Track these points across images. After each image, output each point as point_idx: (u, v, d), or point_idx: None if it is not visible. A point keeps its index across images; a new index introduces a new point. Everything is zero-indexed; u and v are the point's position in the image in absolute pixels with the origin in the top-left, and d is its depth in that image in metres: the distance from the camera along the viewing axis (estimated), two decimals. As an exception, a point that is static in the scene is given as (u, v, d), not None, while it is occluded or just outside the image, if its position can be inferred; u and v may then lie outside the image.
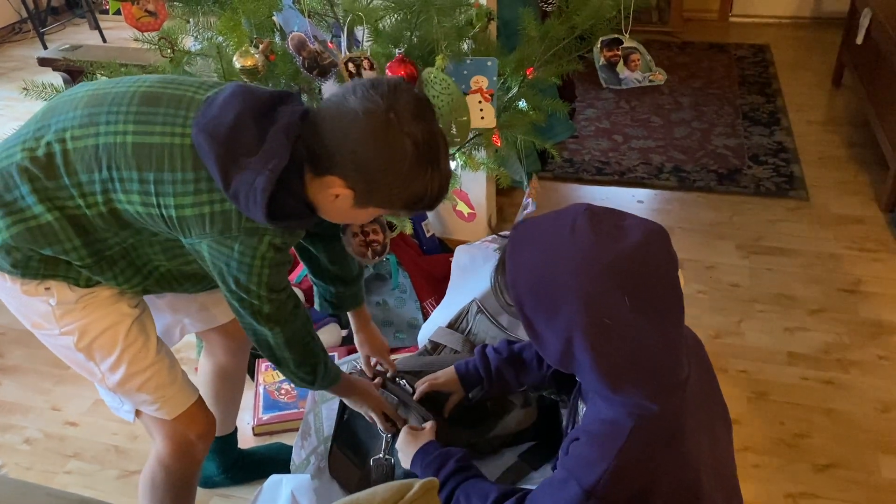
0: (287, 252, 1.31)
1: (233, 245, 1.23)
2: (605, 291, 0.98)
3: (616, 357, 1.01)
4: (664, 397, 1.04)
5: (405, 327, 2.43)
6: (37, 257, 1.29)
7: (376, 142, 1.15)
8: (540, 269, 1.02)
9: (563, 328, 1.01)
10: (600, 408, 1.11)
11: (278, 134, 1.19)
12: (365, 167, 1.17)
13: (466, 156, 2.13)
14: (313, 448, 1.60)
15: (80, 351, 1.39)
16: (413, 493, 0.66)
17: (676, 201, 3.20)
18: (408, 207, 1.24)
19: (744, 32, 4.96)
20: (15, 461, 2.10)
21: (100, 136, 1.22)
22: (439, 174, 1.21)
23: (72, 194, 1.24)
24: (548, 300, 1.01)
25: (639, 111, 3.95)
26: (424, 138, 1.16)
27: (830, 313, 2.51)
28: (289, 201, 1.22)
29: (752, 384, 2.24)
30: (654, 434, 1.05)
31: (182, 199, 1.21)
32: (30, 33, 5.37)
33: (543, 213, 1.12)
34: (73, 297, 1.35)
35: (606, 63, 2.06)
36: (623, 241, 1.00)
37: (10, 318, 2.60)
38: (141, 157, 1.21)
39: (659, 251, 1.02)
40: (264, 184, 1.15)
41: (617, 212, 1.06)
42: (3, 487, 0.94)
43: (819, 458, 2.00)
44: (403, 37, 1.82)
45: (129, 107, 1.24)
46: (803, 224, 2.99)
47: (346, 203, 1.23)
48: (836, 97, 4.04)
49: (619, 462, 1.04)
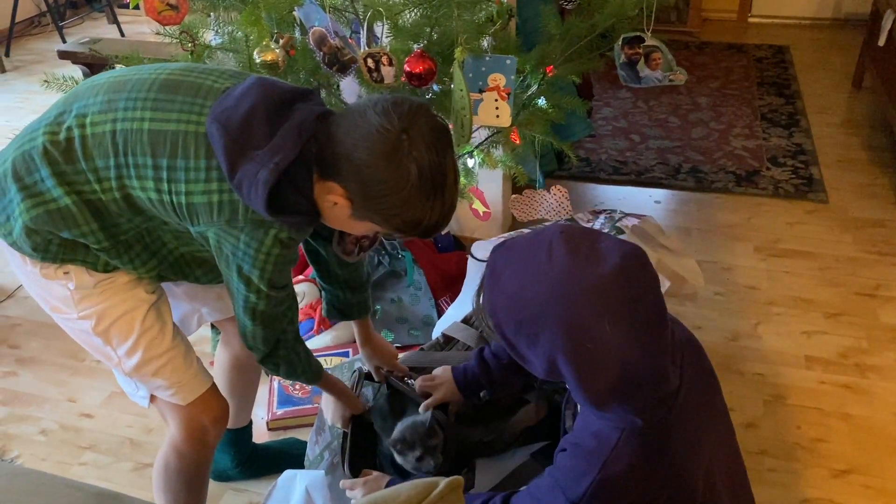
0: (294, 250, 1.31)
1: (239, 235, 1.24)
2: (585, 316, 0.98)
3: (599, 379, 1.01)
4: (650, 412, 1.05)
5: (419, 324, 2.43)
6: (56, 241, 1.30)
7: (382, 161, 1.15)
8: (518, 295, 1.02)
9: (546, 352, 1.01)
10: (589, 419, 1.11)
11: (290, 130, 1.20)
12: (366, 183, 1.17)
13: (484, 153, 2.12)
14: (327, 444, 1.60)
15: (97, 335, 1.40)
16: (438, 492, 0.65)
17: (694, 202, 3.18)
18: (403, 231, 1.24)
19: (763, 33, 4.92)
20: (30, 452, 2.11)
21: (117, 122, 1.23)
22: (441, 206, 1.20)
23: (88, 179, 1.26)
24: (528, 326, 1.01)
25: (656, 111, 3.92)
26: (431, 168, 1.16)
27: (849, 317, 2.49)
28: (292, 197, 1.21)
29: (768, 387, 2.22)
30: (640, 447, 1.05)
31: (192, 187, 1.21)
32: (49, 27, 5.40)
33: (520, 235, 1.11)
34: (91, 282, 1.36)
35: (627, 61, 2.04)
36: (601, 264, 0.99)
37: (27, 310, 2.64)
38: (156, 143, 1.22)
39: (637, 272, 1.02)
40: (266, 176, 1.15)
41: (593, 233, 1.07)
42: (22, 478, 0.94)
43: (836, 464, 1.98)
44: (423, 33, 1.81)
45: (147, 93, 1.24)
46: (822, 227, 2.96)
47: (343, 212, 1.24)
48: (856, 99, 4.00)
49: (604, 475, 1.05)
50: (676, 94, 4.06)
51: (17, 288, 2.75)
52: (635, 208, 3.12)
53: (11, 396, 2.30)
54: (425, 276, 2.49)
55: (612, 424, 1.06)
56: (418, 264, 2.51)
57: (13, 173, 1.28)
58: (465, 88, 1.70)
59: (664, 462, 1.07)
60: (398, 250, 2.52)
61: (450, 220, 1.26)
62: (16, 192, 1.28)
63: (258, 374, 1.92)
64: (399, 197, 1.17)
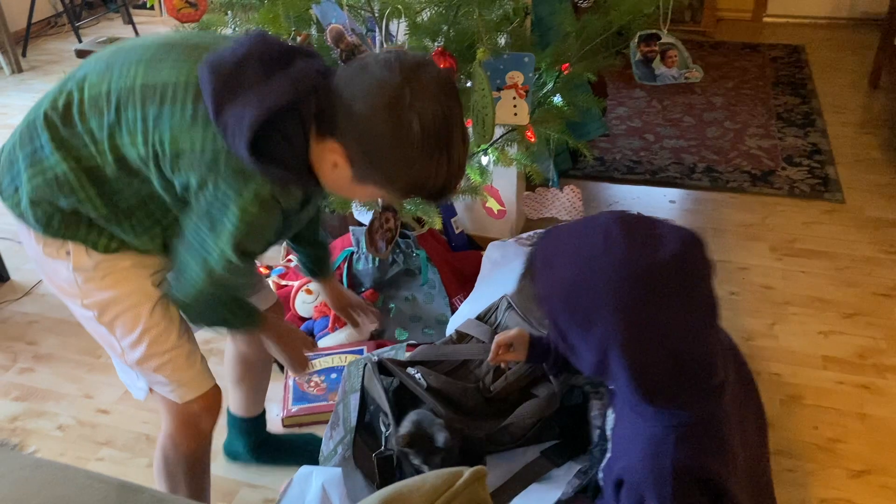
0: (273, 216, 1.23)
1: (218, 182, 1.17)
2: (642, 303, 0.96)
3: (653, 370, 0.99)
4: (701, 404, 1.03)
5: (433, 323, 2.43)
6: (58, 216, 1.30)
7: (381, 114, 1.09)
8: (573, 281, 1.00)
9: (599, 341, 0.99)
10: (634, 424, 1.08)
11: (286, 78, 1.14)
12: (365, 138, 1.11)
13: (499, 152, 2.12)
14: (340, 438, 1.60)
15: (102, 325, 1.40)
16: (463, 481, 0.65)
17: (709, 202, 3.17)
18: (407, 192, 1.17)
19: (778, 33, 4.90)
20: (48, 447, 2.12)
21: (113, 82, 1.23)
22: (447, 164, 1.13)
23: (85, 142, 1.25)
24: (582, 313, 0.99)
25: (671, 110, 3.91)
26: (435, 121, 1.09)
27: (866, 317, 2.47)
28: (279, 147, 1.15)
29: (785, 387, 2.21)
30: (699, 440, 1.03)
31: (178, 132, 1.18)
32: (65, 27, 5.44)
33: (572, 221, 1.09)
34: (91, 264, 1.34)
35: (643, 58, 2.04)
36: (659, 250, 0.97)
37: (45, 307, 2.66)
38: (146, 95, 1.20)
39: (696, 259, 1.00)
40: (253, 118, 1.10)
41: (650, 219, 1.04)
42: (44, 469, 0.95)
43: (854, 464, 1.97)
44: (441, 31, 1.81)
45: (144, 53, 1.24)
46: (838, 226, 2.94)
47: (344, 175, 1.18)
48: (872, 99, 3.97)
49: (679, 479, 1.01)
50: (691, 94, 4.04)
51: (35, 285, 2.78)
52: (650, 208, 3.11)
53: (29, 392, 2.32)
54: (439, 275, 2.48)
55: (662, 427, 1.03)
56: (432, 263, 2.51)
57: (20, 142, 1.30)
58: (488, 87, 1.70)
59: (725, 449, 1.05)
60: (412, 249, 2.52)
61: (458, 185, 1.20)
62: (21, 161, 1.29)
63: (266, 369, 1.93)
64: (401, 153, 1.11)
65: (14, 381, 2.36)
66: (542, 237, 1.08)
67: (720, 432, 1.05)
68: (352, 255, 2.52)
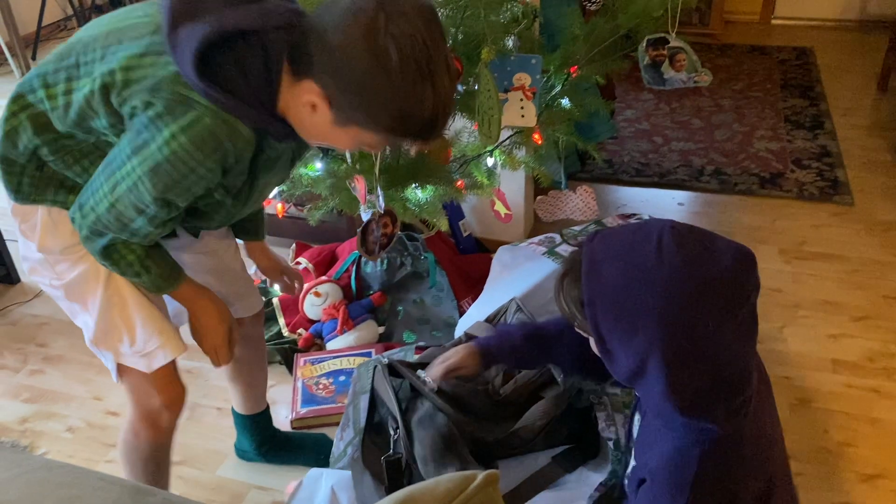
0: (207, 157, 1.12)
1: (157, 104, 1.10)
2: (690, 316, 0.96)
3: (690, 383, 0.99)
4: (731, 419, 1.03)
5: (442, 325, 2.43)
6: (26, 180, 1.29)
7: (356, 43, 1.03)
8: (623, 287, 0.99)
9: (641, 349, 0.98)
10: (659, 435, 1.09)
11: (252, 7, 1.10)
12: (342, 72, 1.05)
13: (506, 154, 2.12)
14: (350, 439, 1.60)
15: (72, 301, 1.41)
16: (476, 485, 0.65)
17: (717, 204, 3.16)
18: (393, 130, 1.10)
19: (786, 35, 4.88)
20: (57, 449, 2.13)
21: (82, 34, 1.23)
22: (432, 93, 1.06)
23: (33, 87, 1.23)
24: (628, 320, 0.99)
25: (679, 113, 3.90)
26: (414, 46, 1.03)
27: (876, 321, 2.46)
28: (231, 73, 1.09)
29: (794, 391, 2.20)
30: (722, 455, 1.04)
31: (131, 61, 1.13)
32: (74, 30, 5.46)
33: (619, 227, 1.08)
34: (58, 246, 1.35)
35: (651, 62, 2.04)
36: (714, 265, 0.97)
37: (54, 309, 2.66)
38: (109, 38, 1.18)
39: (748, 277, 1.00)
40: (204, 32, 1.06)
41: (703, 231, 1.04)
42: (57, 471, 0.95)
43: (864, 468, 1.96)
44: (448, 34, 1.82)
45: (117, 13, 1.23)
46: (848, 229, 2.93)
47: (324, 118, 1.13)
48: (882, 102, 3.96)
49: (696, 492, 1.02)
50: (699, 97, 4.04)
51: (44, 287, 2.79)
52: (658, 210, 3.11)
53: (39, 394, 2.33)
54: (447, 278, 2.49)
55: (689, 438, 1.03)
56: (441, 266, 2.51)
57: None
58: (494, 88, 1.70)
59: (744, 465, 1.06)
60: (420, 251, 2.53)
61: (447, 121, 1.13)
62: None
63: (261, 367, 1.93)
64: (380, 83, 1.04)
65: (24, 383, 2.37)
66: (589, 240, 1.07)
67: (743, 449, 1.06)
68: (360, 258, 2.53)
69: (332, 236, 2.74)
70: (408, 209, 1.96)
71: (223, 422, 2.15)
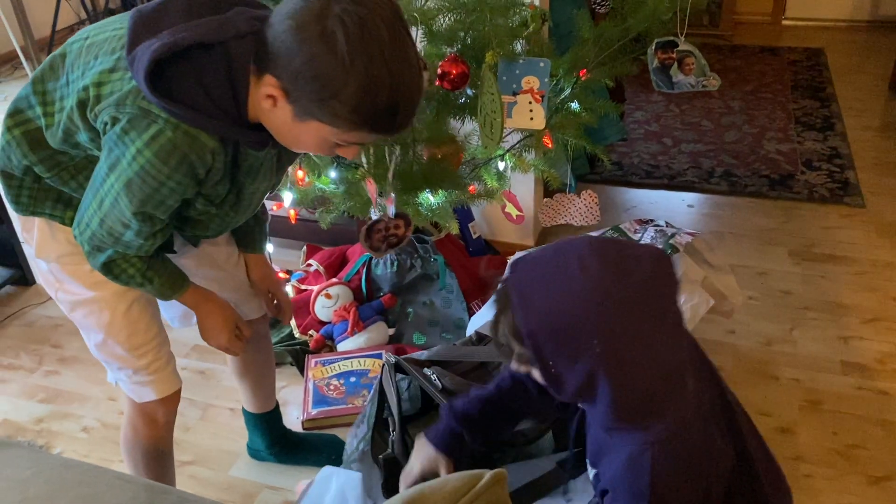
0: (174, 170, 1.13)
1: (121, 119, 1.12)
2: (626, 323, 0.98)
3: (635, 387, 1.01)
4: (675, 414, 1.05)
5: (451, 327, 2.44)
6: (25, 192, 1.33)
7: (305, 32, 1.02)
8: (557, 312, 1.00)
9: (587, 366, 1.00)
10: (612, 443, 1.11)
11: (212, 21, 1.11)
12: (293, 60, 1.04)
13: (516, 157, 2.14)
14: (363, 435, 1.62)
15: (74, 318, 1.48)
16: (483, 484, 0.67)
17: (727, 206, 3.16)
18: (354, 123, 1.07)
19: (797, 36, 4.87)
20: (73, 448, 2.16)
21: (70, 48, 1.25)
22: (389, 79, 1.03)
23: (32, 104, 1.26)
24: (569, 342, 1.00)
25: (689, 114, 3.90)
26: (364, 29, 1.00)
27: (886, 322, 2.45)
28: (187, 84, 1.09)
29: (804, 393, 2.20)
30: (673, 453, 1.05)
31: (102, 76, 1.16)
32: (88, 34, 5.52)
33: (536, 252, 1.09)
34: (55, 255, 1.38)
35: (660, 65, 2.05)
36: (637, 271, 1.00)
37: (69, 310, 2.70)
38: (88, 53, 1.21)
39: (667, 276, 1.03)
40: (157, 46, 1.06)
41: (617, 241, 1.07)
42: (74, 469, 0.97)
43: (873, 470, 1.96)
44: (457, 37, 1.83)
45: (101, 24, 1.25)
46: (858, 231, 2.93)
47: (284, 113, 1.11)
48: (893, 103, 3.94)
49: (656, 496, 1.04)
50: (709, 98, 4.04)
51: (59, 289, 2.82)
52: (668, 212, 3.11)
53: (54, 394, 2.36)
54: (457, 280, 2.50)
55: (638, 445, 1.05)
56: (450, 268, 2.52)
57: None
58: (497, 91, 1.71)
59: (700, 453, 1.08)
60: (430, 254, 2.54)
61: (410, 111, 1.09)
62: None
63: (269, 367, 1.94)
64: (330, 68, 1.01)
65: (39, 384, 2.40)
66: (511, 272, 1.07)
67: (692, 437, 1.07)
68: (370, 259, 2.55)
69: (342, 238, 2.76)
70: (420, 213, 1.98)
71: (235, 422, 2.17)
